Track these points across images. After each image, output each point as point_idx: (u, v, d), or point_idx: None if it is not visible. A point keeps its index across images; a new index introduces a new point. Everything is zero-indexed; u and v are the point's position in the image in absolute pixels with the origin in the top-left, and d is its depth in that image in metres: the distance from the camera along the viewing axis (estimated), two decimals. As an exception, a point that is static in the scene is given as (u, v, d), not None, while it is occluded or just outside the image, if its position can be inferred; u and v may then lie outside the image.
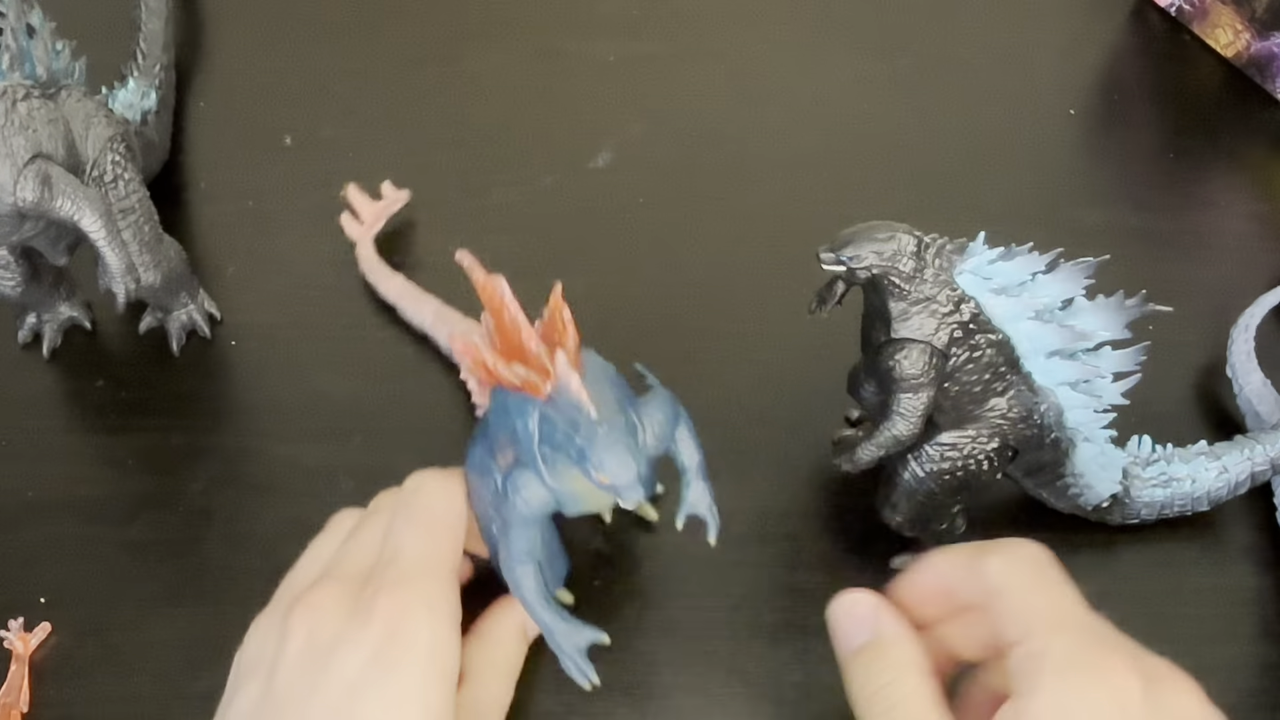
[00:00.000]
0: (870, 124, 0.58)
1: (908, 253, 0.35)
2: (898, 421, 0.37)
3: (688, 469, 0.36)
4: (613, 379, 0.33)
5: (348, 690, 0.31)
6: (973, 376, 0.37)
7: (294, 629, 0.33)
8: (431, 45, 0.61)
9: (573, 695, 0.40)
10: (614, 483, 0.31)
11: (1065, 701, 0.29)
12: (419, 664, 0.32)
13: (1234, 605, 0.43)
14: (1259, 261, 0.54)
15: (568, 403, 0.31)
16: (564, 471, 0.33)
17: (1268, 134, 0.59)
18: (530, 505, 0.34)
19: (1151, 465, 0.43)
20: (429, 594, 0.33)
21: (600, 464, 0.31)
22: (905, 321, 0.36)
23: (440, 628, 0.33)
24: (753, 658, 0.41)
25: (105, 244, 0.42)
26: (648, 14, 0.63)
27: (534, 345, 0.32)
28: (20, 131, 0.39)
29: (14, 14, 0.41)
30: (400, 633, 0.32)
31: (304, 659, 0.32)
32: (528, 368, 0.32)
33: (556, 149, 0.56)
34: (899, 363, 0.36)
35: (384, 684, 0.31)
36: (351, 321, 0.50)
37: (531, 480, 0.33)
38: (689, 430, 0.36)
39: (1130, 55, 0.53)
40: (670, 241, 0.53)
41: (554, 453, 0.32)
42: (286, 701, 0.32)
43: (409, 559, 0.34)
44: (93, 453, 0.46)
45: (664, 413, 0.35)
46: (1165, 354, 0.50)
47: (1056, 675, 0.29)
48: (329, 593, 0.33)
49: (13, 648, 0.40)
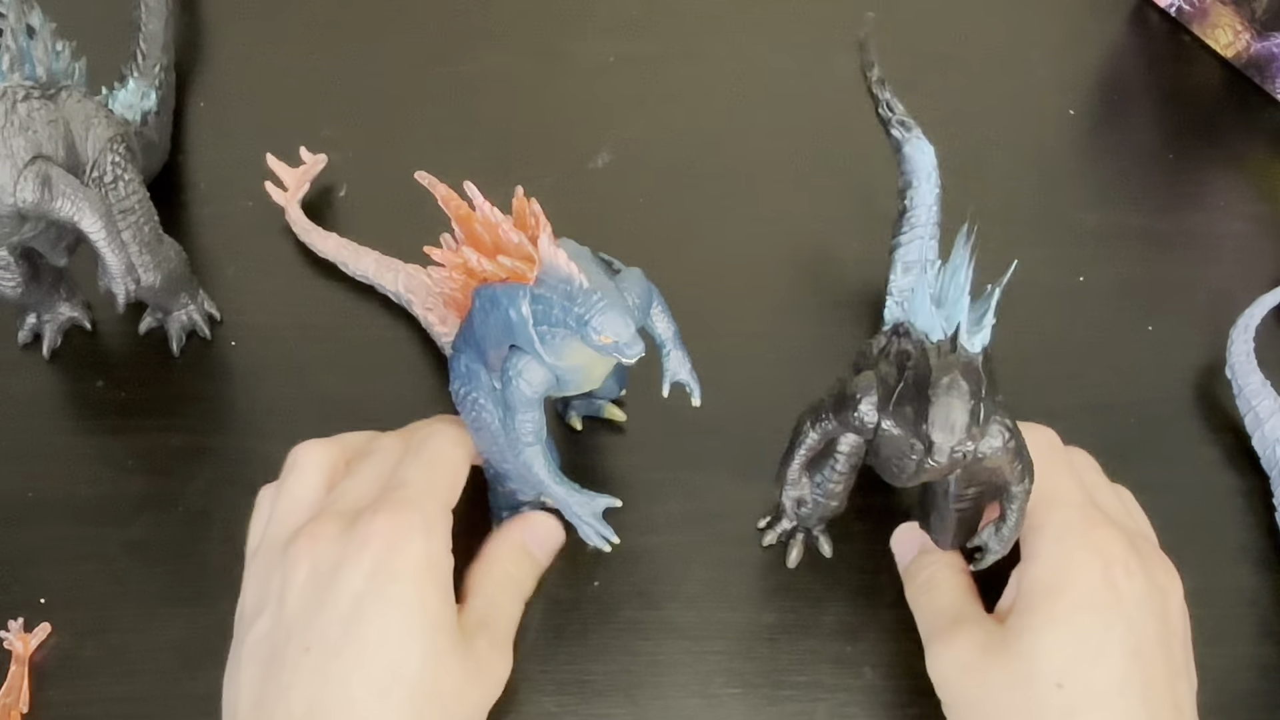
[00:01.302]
0: (870, 124, 0.58)
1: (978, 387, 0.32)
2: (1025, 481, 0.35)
3: (665, 340, 0.38)
4: (592, 258, 0.35)
5: (353, 603, 0.33)
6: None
7: (298, 560, 0.35)
8: (432, 45, 0.61)
9: (572, 695, 0.40)
10: (616, 340, 0.33)
11: (1060, 563, 0.35)
12: (415, 573, 0.34)
13: (1233, 606, 0.43)
14: (1259, 261, 0.54)
15: (558, 279, 0.33)
16: (563, 345, 0.34)
17: (1268, 134, 0.59)
18: (533, 386, 0.35)
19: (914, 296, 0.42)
20: (426, 515, 0.35)
21: (602, 326, 0.32)
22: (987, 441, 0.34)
23: (435, 544, 0.35)
24: (753, 658, 0.41)
25: (105, 245, 0.42)
26: (647, 14, 0.63)
27: (514, 236, 0.33)
28: (20, 132, 0.39)
29: (14, 15, 0.41)
30: (397, 547, 0.34)
31: (310, 584, 0.34)
32: (511, 257, 0.33)
33: (556, 149, 0.56)
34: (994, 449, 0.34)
35: (385, 593, 0.33)
36: (351, 321, 0.50)
37: (530, 362, 0.35)
38: (662, 305, 0.38)
39: (1130, 55, 0.53)
40: (670, 241, 0.53)
41: (551, 329, 0.34)
42: (295, 624, 0.34)
43: (411, 487, 0.36)
44: (93, 453, 0.46)
45: (640, 287, 0.36)
46: (1165, 354, 0.50)
47: (1054, 542, 0.35)
48: (329, 524, 0.35)
49: (13, 648, 0.40)
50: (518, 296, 0.34)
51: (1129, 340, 0.50)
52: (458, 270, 0.36)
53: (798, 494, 0.40)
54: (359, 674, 0.33)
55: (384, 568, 0.34)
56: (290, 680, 0.33)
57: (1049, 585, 0.35)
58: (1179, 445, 0.47)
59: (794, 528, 0.43)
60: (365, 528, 0.34)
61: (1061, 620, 0.34)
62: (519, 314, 0.34)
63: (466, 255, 0.35)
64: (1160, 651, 0.34)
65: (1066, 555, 0.35)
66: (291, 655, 0.33)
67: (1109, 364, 0.49)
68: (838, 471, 0.38)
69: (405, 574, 0.34)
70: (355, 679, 0.33)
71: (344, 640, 0.33)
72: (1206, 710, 0.36)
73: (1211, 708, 0.36)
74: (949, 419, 0.31)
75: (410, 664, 0.33)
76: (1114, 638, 0.34)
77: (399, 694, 0.33)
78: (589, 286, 0.33)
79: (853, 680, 0.41)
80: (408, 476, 0.36)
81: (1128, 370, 0.49)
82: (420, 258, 0.52)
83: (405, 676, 0.33)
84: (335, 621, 0.33)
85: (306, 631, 0.33)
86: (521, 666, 0.41)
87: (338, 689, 0.32)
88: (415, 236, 0.52)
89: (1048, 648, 0.34)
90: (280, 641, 0.34)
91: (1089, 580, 0.34)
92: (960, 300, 0.34)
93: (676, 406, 0.46)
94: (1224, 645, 0.42)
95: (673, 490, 0.45)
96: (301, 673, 0.33)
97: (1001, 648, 0.35)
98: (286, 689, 0.33)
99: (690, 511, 0.45)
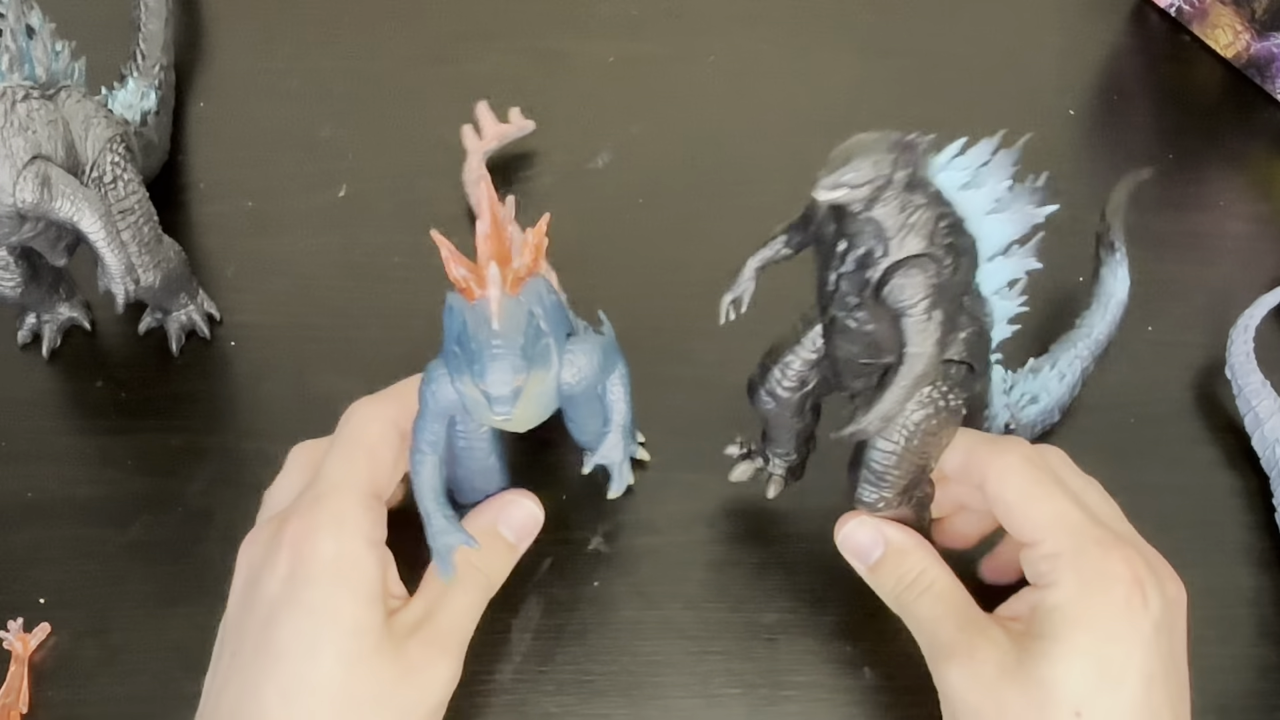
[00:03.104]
0: (870, 124, 0.58)
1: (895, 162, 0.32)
2: (919, 358, 0.33)
3: (610, 418, 0.39)
4: (550, 312, 0.34)
5: (268, 610, 0.33)
6: (953, 294, 0.34)
7: (239, 565, 0.36)
8: (431, 45, 0.61)
9: (572, 695, 0.40)
10: (487, 391, 0.32)
11: (1080, 592, 0.34)
12: (325, 577, 0.33)
13: (1233, 606, 0.43)
14: (1259, 261, 0.54)
15: (482, 311, 0.32)
16: (460, 374, 0.34)
17: (1268, 134, 0.59)
18: (437, 399, 0.35)
19: (1012, 390, 0.43)
20: (336, 511, 0.34)
21: (480, 371, 0.32)
22: (905, 238, 0.32)
23: (348, 542, 0.34)
24: (753, 658, 0.41)
25: (105, 245, 0.42)
26: (647, 14, 0.63)
27: (482, 251, 0.33)
28: (20, 133, 0.39)
29: (14, 15, 0.41)
30: (305, 550, 0.34)
31: (241, 589, 0.35)
32: (469, 271, 0.33)
33: (556, 149, 0.56)
34: (907, 284, 0.32)
35: (294, 599, 0.33)
36: (351, 321, 0.50)
37: (442, 376, 0.35)
38: (622, 385, 0.38)
39: (1130, 55, 0.53)
40: (670, 241, 0.53)
41: (459, 354, 0.33)
42: (229, 629, 0.35)
43: (323, 483, 0.35)
44: (93, 453, 0.46)
45: (591, 358, 0.36)
46: (1165, 354, 0.50)
47: (1071, 570, 0.34)
48: (261, 529, 0.36)
49: (12, 648, 0.40)
50: (455, 308, 0.33)
51: (1129, 340, 0.50)
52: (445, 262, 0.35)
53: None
54: (271, 681, 0.32)
55: (296, 573, 0.33)
56: (221, 685, 0.34)
57: (1070, 614, 0.34)
58: (1179, 445, 0.47)
59: (761, 453, 0.42)
60: (281, 531, 0.34)
61: (1084, 651, 0.34)
62: (451, 325, 0.34)
63: (443, 250, 0.34)
64: (1172, 668, 0.34)
65: (1084, 581, 0.34)
66: (225, 659, 0.34)
67: (1109, 364, 0.49)
68: (792, 369, 0.38)
69: (315, 578, 0.33)
70: (268, 686, 0.32)
71: (259, 646, 0.33)
72: (1206, 710, 0.36)
73: (1211, 708, 0.36)
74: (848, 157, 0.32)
75: (319, 671, 0.32)
76: (1133, 664, 0.33)
77: (310, 703, 0.32)
78: (496, 329, 0.32)
79: (853, 680, 0.41)
80: (325, 470, 0.36)
81: (1128, 370, 0.49)
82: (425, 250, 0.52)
83: (314, 683, 0.32)
84: (254, 627, 0.33)
85: (235, 636, 0.34)
86: (521, 666, 0.41)
87: (252, 695, 0.33)
88: (415, 237, 0.53)
89: (1069, 677, 0.33)
90: (220, 645, 0.35)
91: (1111, 609, 0.34)
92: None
93: (677, 406, 0.46)
94: (1224, 645, 0.42)
95: (673, 490, 0.45)
96: (228, 678, 0.34)
97: (1020, 670, 0.34)
98: (219, 692, 0.34)
99: (690, 511, 0.44)
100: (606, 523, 0.44)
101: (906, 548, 0.38)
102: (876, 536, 0.38)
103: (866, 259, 0.33)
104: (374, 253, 0.52)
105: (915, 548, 0.38)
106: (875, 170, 0.31)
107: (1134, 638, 0.34)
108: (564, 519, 0.41)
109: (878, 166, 0.31)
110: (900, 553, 0.38)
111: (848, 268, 0.34)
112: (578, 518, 0.41)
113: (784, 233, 0.36)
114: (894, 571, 0.38)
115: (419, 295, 0.51)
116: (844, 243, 0.34)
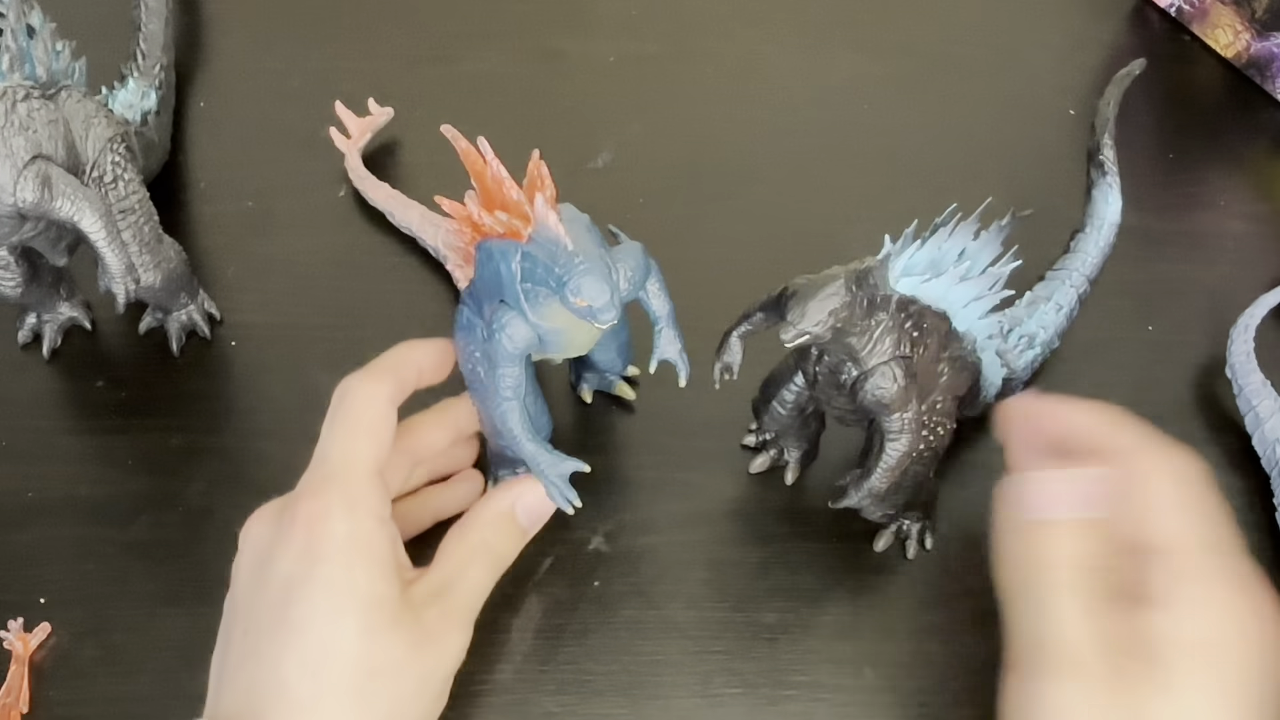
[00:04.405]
0: (870, 124, 0.58)
1: (857, 292, 0.35)
2: (901, 439, 0.37)
3: (659, 317, 0.39)
4: (588, 226, 0.36)
5: (283, 588, 0.34)
6: (929, 361, 0.37)
7: (241, 549, 0.36)
8: (431, 45, 0.61)
9: (572, 695, 0.40)
10: (590, 304, 0.33)
11: (1207, 623, 0.31)
12: (341, 553, 0.34)
13: (1234, 605, 0.43)
14: (1259, 261, 0.54)
15: (547, 239, 0.34)
16: (545, 304, 0.35)
17: (1268, 134, 0.59)
18: (514, 341, 0.36)
19: (1010, 335, 0.44)
20: (347, 492, 0.35)
21: (578, 289, 0.33)
22: (872, 351, 0.36)
23: (360, 520, 0.35)
24: (753, 658, 0.41)
25: (105, 244, 0.42)
26: (648, 14, 0.63)
27: (515, 194, 0.34)
28: (20, 132, 0.39)
29: (14, 14, 0.41)
30: (318, 529, 0.34)
31: (249, 571, 0.36)
32: (510, 214, 0.34)
33: (556, 149, 0.56)
34: (882, 389, 0.36)
35: (311, 575, 0.34)
36: (351, 321, 0.50)
37: (515, 318, 0.36)
38: (659, 282, 0.39)
39: (1130, 55, 0.53)
40: (670, 241, 0.52)
41: (535, 287, 0.35)
42: (239, 610, 0.35)
43: (329, 463, 0.36)
44: (93, 453, 0.46)
45: (635, 261, 0.37)
46: (1165, 354, 0.50)
47: (1201, 603, 0.31)
48: (264, 511, 0.36)
49: (12, 648, 0.40)
50: (510, 253, 0.35)
51: (1129, 340, 0.50)
52: (465, 223, 0.36)
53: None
54: (291, 656, 0.33)
55: (309, 551, 0.34)
56: (235, 662, 0.34)
57: (1192, 645, 0.30)
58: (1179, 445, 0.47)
59: (774, 442, 0.44)
60: (291, 512, 0.35)
61: (1203, 690, 0.30)
62: (509, 270, 0.35)
63: (470, 208, 0.35)
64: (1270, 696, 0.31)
65: (1214, 618, 0.31)
66: (236, 637, 0.35)
67: (1109, 364, 0.49)
68: (788, 400, 0.41)
69: (330, 555, 0.34)
70: (287, 661, 0.33)
71: (276, 622, 0.33)
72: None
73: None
74: (804, 306, 0.35)
75: (343, 642, 0.33)
76: (1244, 701, 0.30)
77: (334, 672, 0.33)
78: (573, 249, 0.33)
79: (853, 680, 0.41)
80: (327, 450, 0.36)
81: (1128, 370, 0.49)
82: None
83: (339, 655, 0.33)
84: (268, 605, 0.34)
85: (247, 614, 0.35)
86: (521, 666, 0.41)
87: (270, 671, 0.33)
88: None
89: (1178, 714, 0.30)
90: (230, 624, 0.35)
91: (1240, 651, 0.31)
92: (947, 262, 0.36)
93: (677, 406, 0.46)
94: (1224, 645, 0.42)
95: (673, 490, 0.45)
96: (243, 655, 0.34)
97: (1128, 693, 0.30)
98: (234, 670, 0.34)
99: (690, 511, 0.45)
100: (607, 522, 0.44)
101: (1091, 530, 0.33)
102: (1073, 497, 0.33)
103: (839, 367, 0.37)
104: (374, 253, 0.52)
105: (1099, 533, 0.33)
106: (832, 314, 0.35)
107: (1254, 677, 0.31)
108: (564, 519, 0.41)
109: (834, 310, 0.35)
110: (1083, 529, 0.33)
111: (823, 370, 0.38)
112: (578, 517, 0.41)
113: (759, 310, 0.38)
114: (1066, 547, 0.33)
115: (419, 295, 0.51)
116: (816, 351, 0.38)
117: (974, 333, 0.39)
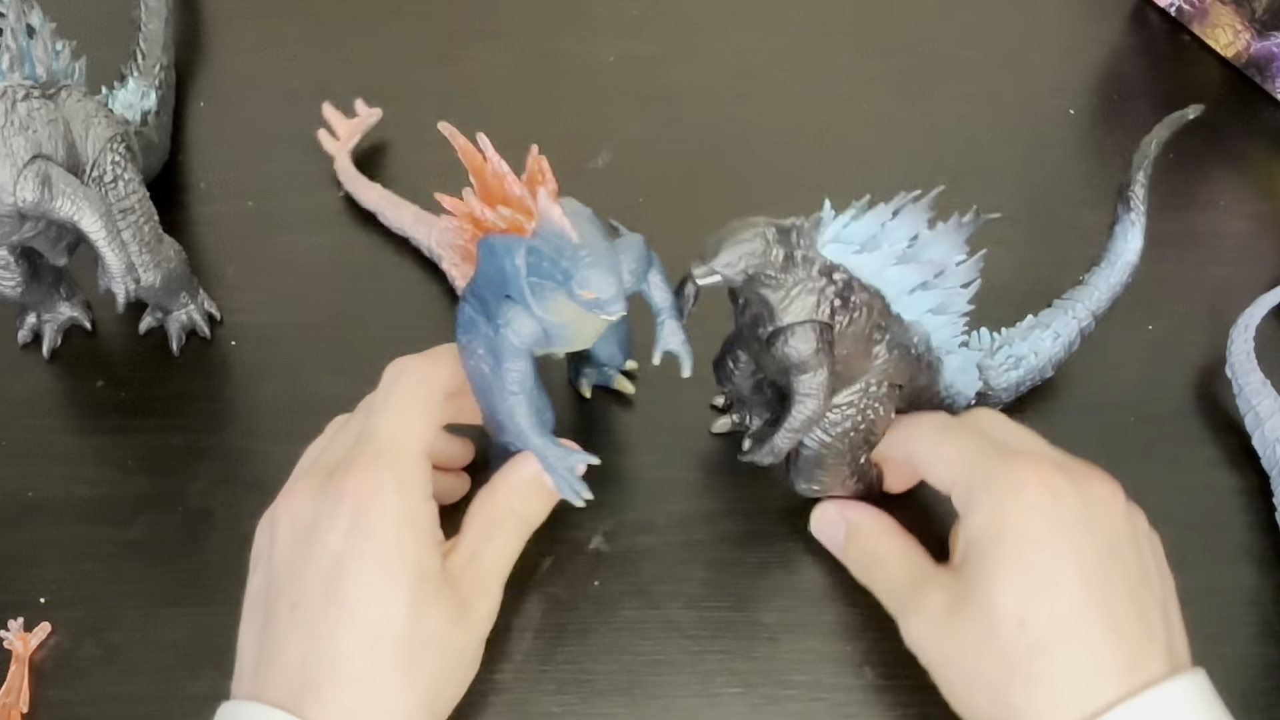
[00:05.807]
0: (870, 124, 0.58)
1: (775, 244, 0.35)
2: (806, 402, 0.37)
3: (660, 309, 0.39)
4: (591, 219, 0.35)
5: (333, 561, 0.34)
6: (857, 336, 0.37)
7: (280, 520, 0.36)
8: (431, 45, 0.61)
9: (572, 695, 0.40)
10: (598, 297, 0.33)
11: (993, 507, 0.35)
12: (392, 527, 0.34)
13: (1233, 606, 0.43)
14: (1259, 261, 0.54)
15: (551, 233, 0.34)
16: (551, 299, 0.35)
17: (1268, 134, 0.59)
18: (520, 336, 0.36)
19: (998, 352, 0.44)
20: (397, 468, 0.35)
21: (584, 281, 0.33)
22: (788, 308, 0.36)
23: (409, 495, 0.35)
24: (753, 657, 0.41)
25: (105, 244, 0.42)
26: (648, 14, 0.63)
27: (517, 189, 0.34)
28: (20, 132, 0.39)
29: (14, 14, 0.41)
30: (369, 503, 0.34)
31: (292, 543, 0.35)
32: (512, 209, 0.34)
33: (556, 149, 0.56)
34: (794, 348, 0.36)
35: (362, 550, 0.34)
36: (351, 321, 0.50)
37: (520, 313, 0.36)
38: (661, 274, 0.39)
39: (1130, 55, 0.53)
40: (670, 241, 0.52)
41: (541, 282, 0.35)
42: (282, 581, 0.35)
43: (380, 439, 0.36)
44: (93, 453, 0.46)
45: (636, 253, 0.37)
46: (1165, 354, 0.50)
47: (983, 492, 0.36)
48: (305, 484, 0.36)
49: (13, 648, 0.40)
50: (514, 248, 0.35)
51: (1129, 340, 0.50)
52: (466, 220, 0.36)
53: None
54: (345, 629, 0.33)
55: (359, 525, 0.34)
56: (283, 637, 0.34)
57: (989, 530, 0.35)
58: (1179, 445, 0.47)
59: (740, 407, 0.45)
60: (338, 485, 0.35)
61: (1008, 559, 0.34)
62: (513, 265, 0.35)
63: (471, 204, 0.35)
64: (1112, 564, 0.35)
65: (996, 497, 0.35)
66: (282, 612, 0.34)
67: (1109, 364, 0.49)
68: (741, 360, 0.42)
69: (381, 530, 0.34)
70: (342, 634, 0.33)
71: (328, 597, 0.34)
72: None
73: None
74: (719, 246, 0.35)
75: (395, 616, 0.34)
76: (1062, 564, 0.34)
77: (386, 646, 0.34)
78: (578, 242, 0.33)
79: (853, 680, 0.41)
80: (376, 427, 0.37)
81: (1128, 370, 0.49)
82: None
83: (391, 629, 0.34)
84: (318, 579, 0.34)
85: (292, 589, 0.35)
86: (522, 666, 0.41)
87: (325, 644, 0.33)
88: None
89: (1002, 590, 0.34)
90: (272, 598, 0.35)
91: (1023, 513, 0.35)
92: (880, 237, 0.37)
93: (677, 406, 0.46)
94: (1224, 645, 0.42)
95: (673, 490, 0.45)
96: (292, 629, 0.34)
97: (963, 601, 0.35)
98: (280, 645, 0.34)
99: (690, 511, 0.45)
100: (607, 522, 0.44)
101: (864, 525, 0.40)
102: (838, 519, 0.41)
103: (757, 321, 0.37)
104: (374, 252, 0.52)
105: (872, 523, 0.40)
106: (745, 258, 0.35)
107: (1057, 537, 0.34)
108: (564, 518, 0.41)
109: (747, 255, 0.35)
110: (859, 531, 0.40)
111: (745, 321, 0.38)
112: (578, 517, 0.41)
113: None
114: (858, 549, 0.40)
115: (419, 295, 0.51)
116: (741, 300, 0.38)
117: (925, 327, 0.39)
